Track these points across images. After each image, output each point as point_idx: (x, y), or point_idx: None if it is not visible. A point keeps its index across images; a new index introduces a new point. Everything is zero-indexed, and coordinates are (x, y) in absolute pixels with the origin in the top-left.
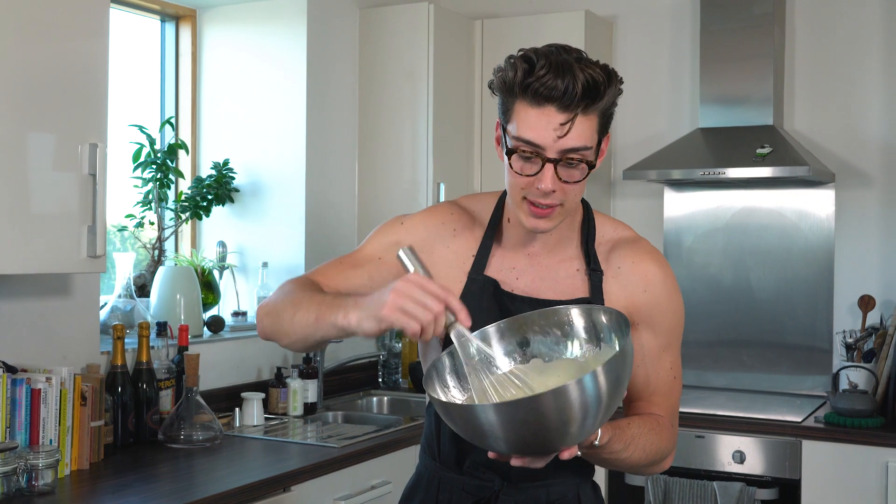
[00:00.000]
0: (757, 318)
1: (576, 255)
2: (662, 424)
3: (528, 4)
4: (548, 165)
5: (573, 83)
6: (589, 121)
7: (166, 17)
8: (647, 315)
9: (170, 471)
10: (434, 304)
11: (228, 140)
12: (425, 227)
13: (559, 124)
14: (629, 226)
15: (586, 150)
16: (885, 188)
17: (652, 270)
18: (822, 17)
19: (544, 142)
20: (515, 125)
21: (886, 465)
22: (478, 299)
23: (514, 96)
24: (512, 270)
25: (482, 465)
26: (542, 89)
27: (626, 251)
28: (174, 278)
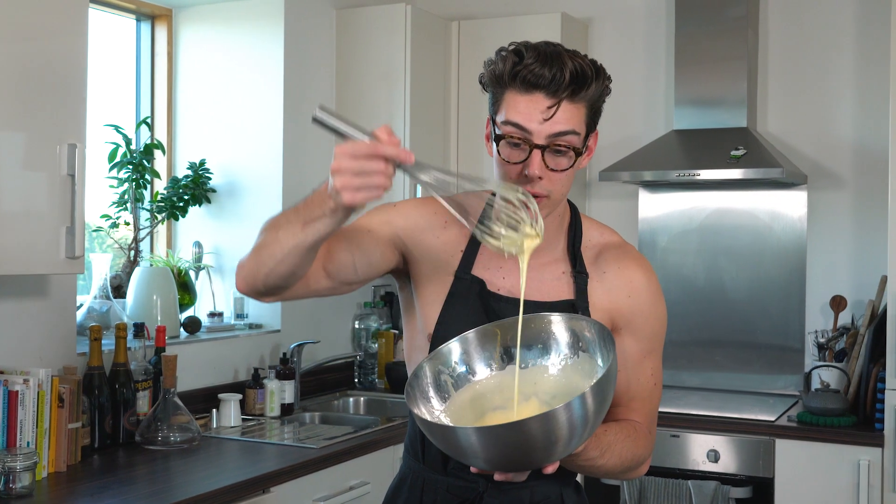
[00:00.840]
0: (730, 318)
1: (562, 258)
2: (639, 431)
3: (504, 6)
4: (535, 151)
5: (561, 71)
6: (576, 108)
7: (142, 17)
8: (630, 320)
9: (148, 473)
10: (375, 166)
11: (204, 140)
12: (418, 213)
13: (546, 108)
14: (616, 231)
15: (573, 136)
16: (857, 190)
17: (637, 276)
18: (795, 21)
19: (531, 126)
20: (504, 113)
21: (858, 464)
22: (463, 298)
23: (504, 86)
24: (499, 270)
25: (466, 467)
26: (530, 76)
27: (612, 256)
28: (151, 279)
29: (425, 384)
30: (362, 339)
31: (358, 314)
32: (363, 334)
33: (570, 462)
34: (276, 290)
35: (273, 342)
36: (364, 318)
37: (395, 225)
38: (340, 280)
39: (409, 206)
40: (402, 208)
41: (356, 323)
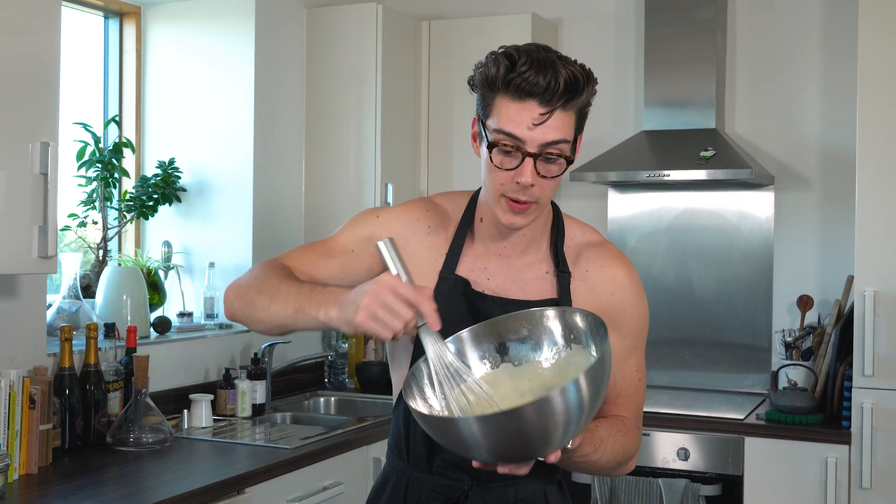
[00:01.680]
0: (698, 317)
1: (545, 258)
2: (628, 426)
3: (475, 6)
4: (528, 159)
5: (555, 79)
6: (567, 116)
7: (110, 14)
8: (614, 317)
9: (121, 474)
10: (405, 311)
11: (173, 139)
12: (401, 222)
13: (539, 115)
14: (597, 230)
15: (564, 145)
16: (823, 191)
17: (619, 274)
18: (762, 23)
19: (525, 135)
20: (496, 119)
21: (826, 461)
22: (448, 298)
23: (496, 91)
24: (483, 270)
25: (452, 465)
26: (524, 84)
27: (594, 255)
28: (120, 279)
29: (422, 382)
30: (332, 339)
31: None
32: (333, 334)
33: (566, 459)
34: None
35: (243, 342)
36: None
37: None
38: None
39: (391, 216)
40: (384, 220)
41: None
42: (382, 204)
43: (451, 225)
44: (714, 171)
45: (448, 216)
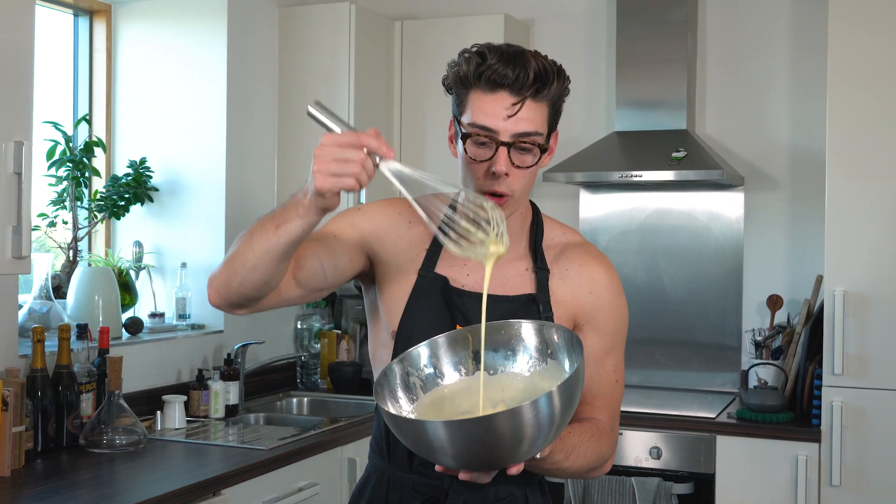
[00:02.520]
0: (669, 316)
1: (524, 255)
2: (602, 430)
3: (447, 6)
4: (501, 149)
5: (525, 70)
6: (539, 107)
7: (80, 12)
8: (593, 317)
9: (96, 477)
10: (353, 154)
11: (144, 138)
12: (382, 214)
13: (511, 105)
14: (578, 232)
15: (537, 136)
16: (792, 191)
17: (599, 273)
18: (733, 25)
19: (497, 125)
20: (470, 113)
21: (796, 458)
22: (426, 295)
23: (469, 87)
24: (463, 267)
25: (432, 465)
26: (494, 76)
27: (574, 254)
28: (92, 279)
29: (394, 384)
30: (304, 340)
31: (300, 314)
32: (305, 334)
33: (537, 466)
34: (250, 300)
35: (216, 343)
36: (306, 318)
37: (360, 227)
38: (311, 287)
39: (373, 208)
40: (366, 210)
41: (298, 323)
42: (355, 204)
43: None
44: (686, 171)
45: (429, 210)
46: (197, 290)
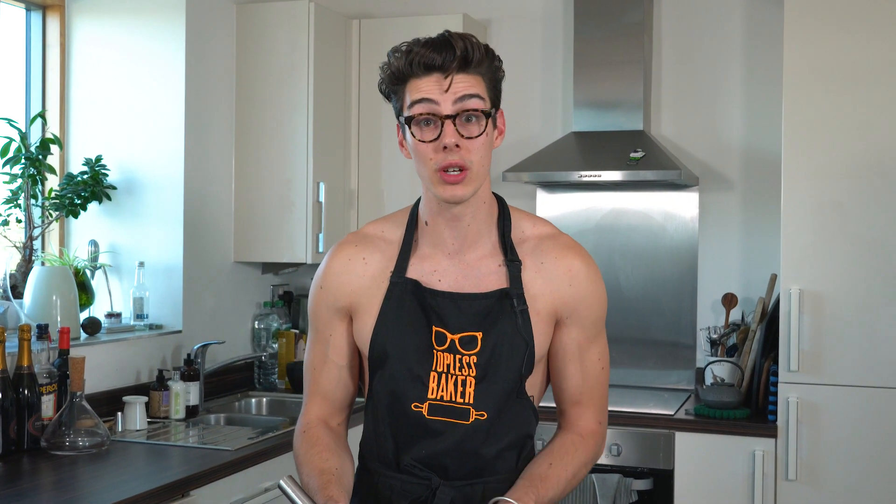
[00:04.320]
0: (625, 315)
1: (495, 250)
2: (577, 444)
3: (405, 6)
4: (447, 122)
5: (450, 51)
6: (474, 78)
7: (32, 6)
8: (574, 309)
9: (60, 479)
10: None
11: (99, 136)
12: (337, 275)
13: (445, 82)
14: (549, 221)
15: (478, 100)
16: (745, 192)
17: (575, 264)
18: (687, 28)
19: (436, 97)
20: (408, 100)
21: (753, 454)
22: (400, 301)
23: (404, 80)
24: (433, 273)
25: (420, 464)
26: (424, 60)
27: (548, 246)
28: (49, 279)
29: None
30: (262, 340)
31: (258, 314)
32: (263, 334)
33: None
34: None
35: (175, 343)
36: (264, 318)
37: (337, 306)
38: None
39: (328, 276)
40: (328, 284)
41: (256, 323)
42: (314, 204)
43: (389, 245)
44: (644, 172)
45: (382, 238)
46: (155, 289)
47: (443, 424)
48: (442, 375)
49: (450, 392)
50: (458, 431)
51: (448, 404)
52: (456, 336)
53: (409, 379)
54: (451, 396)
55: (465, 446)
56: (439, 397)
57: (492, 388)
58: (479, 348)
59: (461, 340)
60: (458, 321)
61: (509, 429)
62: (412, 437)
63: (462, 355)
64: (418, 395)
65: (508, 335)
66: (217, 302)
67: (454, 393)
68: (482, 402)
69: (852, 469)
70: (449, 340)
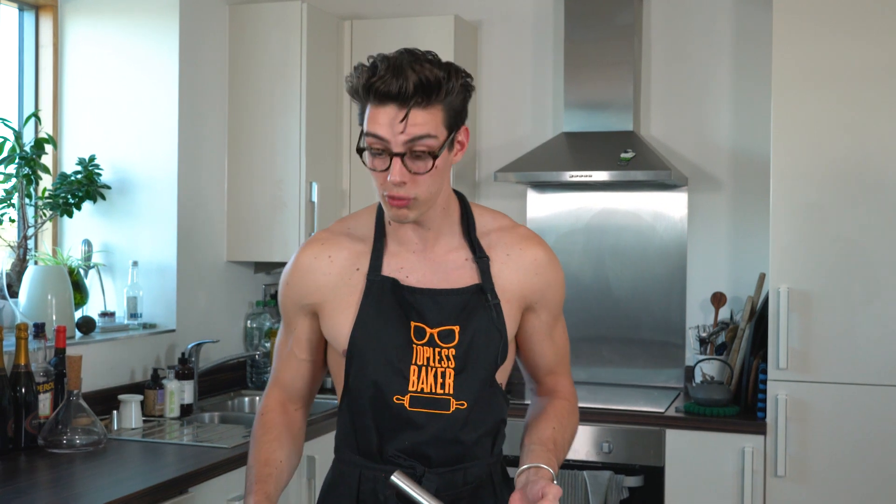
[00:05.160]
0: (615, 314)
1: (461, 246)
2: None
3: (397, 7)
4: (395, 159)
5: (406, 82)
6: (430, 114)
7: (25, 6)
8: (543, 295)
9: (59, 478)
10: None
11: (92, 136)
12: (302, 273)
13: (398, 120)
14: (506, 215)
15: (430, 139)
16: (733, 192)
17: (539, 254)
18: (677, 30)
19: (387, 135)
20: (366, 125)
21: (742, 450)
22: (378, 299)
23: (364, 99)
24: (401, 270)
25: (404, 453)
26: (381, 88)
27: (511, 239)
28: (45, 278)
29: None
30: (254, 339)
31: (250, 313)
32: (256, 333)
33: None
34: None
35: (168, 342)
36: (256, 317)
37: (301, 303)
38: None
39: (294, 276)
40: (293, 281)
41: (248, 322)
42: (307, 203)
43: (358, 241)
44: (635, 172)
45: (350, 235)
46: (148, 288)
47: (424, 415)
48: (422, 368)
49: (430, 384)
50: (440, 421)
51: (428, 396)
52: (435, 330)
53: (391, 373)
54: (431, 388)
55: (447, 435)
56: (420, 389)
57: (470, 378)
58: (456, 341)
59: (440, 334)
60: (437, 316)
61: (486, 416)
62: (394, 428)
63: (441, 348)
64: (399, 388)
65: (484, 328)
66: (210, 301)
67: (434, 384)
68: (461, 391)
69: (840, 465)
70: (428, 335)
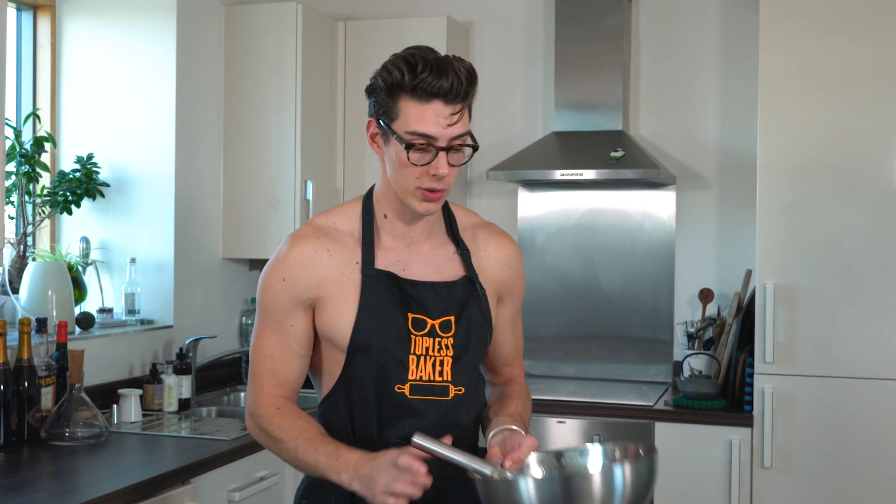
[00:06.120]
0: (604, 311)
1: (446, 241)
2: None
3: (389, 8)
4: (441, 153)
5: (457, 79)
6: (465, 111)
7: (23, 6)
8: (510, 288)
9: (62, 469)
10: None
11: (90, 135)
12: (303, 267)
13: (448, 115)
14: (475, 212)
15: (469, 135)
16: (720, 190)
17: (511, 251)
18: (665, 31)
19: (437, 132)
20: (406, 122)
21: (730, 443)
22: (374, 291)
23: (398, 96)
24: (397, 263)
25: (404, 440)
26: (428, 87)
27: (487, 235)
28: (45, 275)
29: None
30: (250, 335)
31: (245, 310)
32: (251, 330)
33: None
34: None
35: (166, 338)
36: (251, 313)
37: (298, 294)
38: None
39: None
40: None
41: (244, 318)
42: (302, 201)
43: (347, 236)
44: (624, 170)
45: (338, 230)
46: (146, 285)
47: (425, 402)
48: (420, 358)
49: (428, 372)
50: (440, 407)
51: (428, 383)
52: (437, 321)
53: (393, 363)
54: (429, 376)
55: (447, 420)
56: (419, 378)
57: (466, 365)
58: (454, 331)
59: (441, 325)
60: (437, 307)
61: (478, 399)
62: (395, 416)
63: (441, 338)
64: (400, 377)
65: (477, 317)
66: (206, 298)
67: (433, 373)
68: (459, 378)
69: (824, 456)
70: (429, 325)
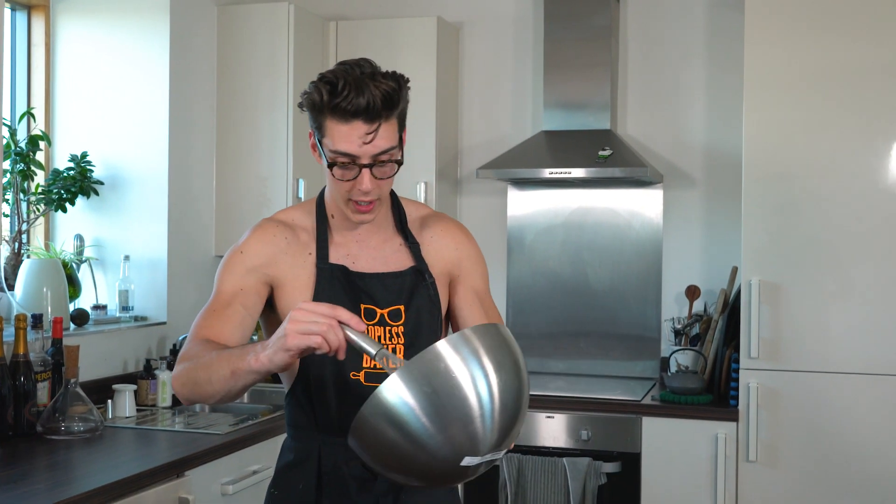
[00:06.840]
0: (593, 308)
1: (395, 234)
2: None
3: (380, 8)
4: (364, 171)
5: (373, 98)
6: (391, 125)
7: (17, 6)
8: (462, 265)
9: (59, 462)
10: (324, 319)
11: (84, 133)
12: (262, 244)
13: (366, 134)
14: (427, 205)
15: (393, 150)
16: (707, 189)
17: (457, 233)
18: (652, 32)
19: (357, 151)
20: (331, 140)
21: (716, 437)
22: (329, 283)
23: (324, 115)
24: (347, 256)
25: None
26: (348, 107)
27: (433, 223)
28: (40, 272)
29: None
30: None
31: None
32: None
33: None
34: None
35: (159, 334)
36: None
37: (254, 266)
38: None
39: (251, 245)
40: (248, 251)
41: None
42: (294, 199)
43: (303, 231)
44: (612, 169)
45: (294, 226)
46: (140, 282)
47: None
48: None
49: None
50: None
51: (381, 371)
52: (385, 311)
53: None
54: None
55: None
56: (373, 365)
57: (418, 352)
58: (403, 319)
59: (390, 314)
60: (385, 297)
61: None
62: (353, 403)
63: (391, 326)
64: (354, 365)
65: (426, 305)
66: (199, 294)
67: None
68: None
69: (808, 449)
70: (379, 315)
